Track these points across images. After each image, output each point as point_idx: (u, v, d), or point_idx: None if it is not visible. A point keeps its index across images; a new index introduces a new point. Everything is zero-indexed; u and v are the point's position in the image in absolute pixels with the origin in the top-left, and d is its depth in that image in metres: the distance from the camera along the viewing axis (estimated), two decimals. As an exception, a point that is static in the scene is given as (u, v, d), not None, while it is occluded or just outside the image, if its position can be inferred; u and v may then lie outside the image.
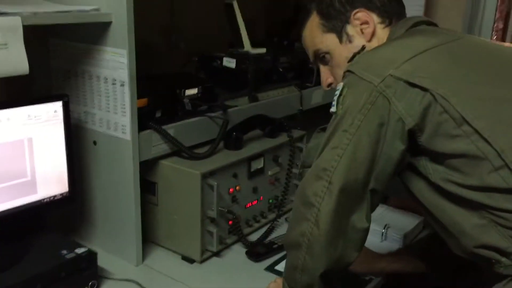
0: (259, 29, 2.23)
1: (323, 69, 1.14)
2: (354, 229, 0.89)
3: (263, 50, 1.75)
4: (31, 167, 1.17)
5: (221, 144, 1.45)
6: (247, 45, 1.72)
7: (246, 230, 1.47)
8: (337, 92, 0.91)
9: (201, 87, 1.50)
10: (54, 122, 1.20)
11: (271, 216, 1.57)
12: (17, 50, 1.01)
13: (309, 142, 1.09)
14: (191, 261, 1.35)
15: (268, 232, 1.48)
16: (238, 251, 1.41)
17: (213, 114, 1.46)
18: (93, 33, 1.22)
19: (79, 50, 1.26)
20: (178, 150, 1.37)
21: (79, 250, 1.19)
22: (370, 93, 0.85)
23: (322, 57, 1.12)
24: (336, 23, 1.08)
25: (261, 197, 1.53)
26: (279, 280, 1.15)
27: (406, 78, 0.84)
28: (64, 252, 1.18)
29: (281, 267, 1.33)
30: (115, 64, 1.20)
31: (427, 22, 1.04)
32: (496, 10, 2.26)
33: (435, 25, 1.05)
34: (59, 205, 1.26)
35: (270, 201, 1.57)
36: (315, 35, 1.12)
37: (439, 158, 0.86)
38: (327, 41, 1.10)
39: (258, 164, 1.48)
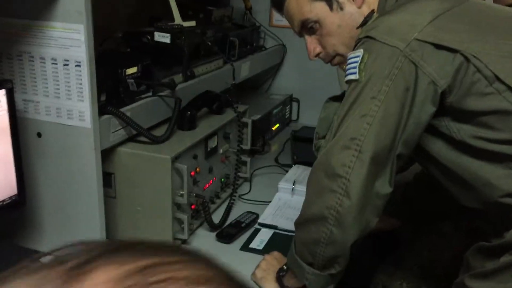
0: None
1: (310, 39, 1.12)
2: (378, 195, 0.90)
3: (193, 23, 1.66)
4: (-23, 170, 0.98)
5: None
6: (177, 18, 1.61)
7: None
8: (356, 59, 0.89)
9: (140, 65, 1.38)
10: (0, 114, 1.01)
11: (224, 195, 1.52)
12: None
13: (320, 113, 1.06)
14: (161, 252, 1.25)
15: (228, 212, 1.44)
16: (205, 236, 1.35)
17: (163, 94, 1.35)
18: (34, 6, 1.04)
19: (14, 27, 1.07)
20: (135, 135, 1.25)
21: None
22: (397, 58, 0.86)
23: (310, 27, 1.09)
24: None
25: (215, 177, 1.47)
26: (278, 255, 1.12)
27: (433, 41, 0.85)
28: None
29: (255, 244, 1.31)
30: (67, 42, 1.04)
31: None
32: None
33: None
34: (9, 210, 1.08)
35: (222, 180, 1.52)
36: (303, 4, 1.08)
37: (465, 116, 0.89)
38: (316, 10, 1.07)
39: (213, 143, 1.42)
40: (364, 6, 1.05)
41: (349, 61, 0.92)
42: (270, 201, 1.53)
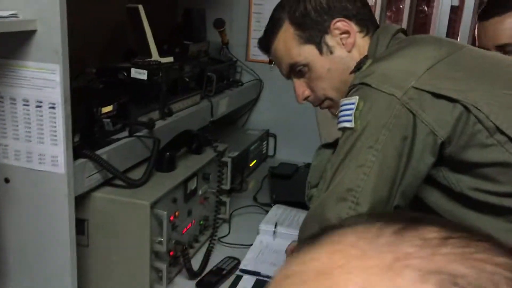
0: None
1: (298, 82, 1.08)
2: None
3: (170, 59, 1.61)
4: None
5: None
6: (155, 54, 1.56)
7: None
8: (350, 106, 0.86)
9: (117, 103, 1.31)
10: (-38, 160, 0.93)
11: (203, 238, 1.46)
12: None
13: (312, 160, 1.01)
14: (137, 305, 1.17)
15: (207, 258, 1.37)
16: (184, 285, 1.27)
17: (140, 133, 1.29)
18: (5, 44, 0.97)
19: (-18, 65, 1.00)
20: (111, 178, 1.17)
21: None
22: (394, 106, 0.82)
23: (299, 71, 1.06)
24: (313, 33, 1.02)
25: (194, 220, 1.40)
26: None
27: (431, 89, 0.83)
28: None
29: (237, 293, 1.24)
30: (41, 82, 0.98)
31: (402, 31, 1.05)
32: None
33: (406, 33, 1.06)
34: (-28, 265, 0.98)
35: (201, 222, 1.45)
36: (291, 46, 1.05)
37: (465, 167, 0.86)
38: (306, 53, 1.04)
39: (192, 185, 1.36)
40: (354, 50, 1.03)
41: (343, 107, 0.88)
42: (250, 244, 1.47)
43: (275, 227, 1.49)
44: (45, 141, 1.01)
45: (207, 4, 2.13)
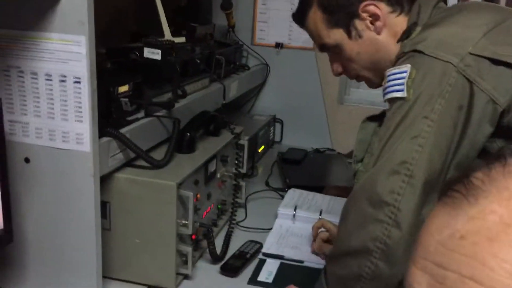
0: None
1: (332, 57, 1.05)
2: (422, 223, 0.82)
3: (183, 39, 1.56)
4: (-41, 203, 0.84)
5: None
6: (167, 34, 1.51)
7: (204, 243, 1.29)
8: (401, 75, 0.82)
9: (132, 83, 1.26)
10: (-16, 137, 0.87)
11: (221, 223, 1.42)
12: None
13: (357, 134, 0.98)
14: (161, 290, 1.13)
15: (227, 242, 1.33)
16: (208, 269, 1.23)
17: (159, 114, 1.24)
18: (27, 15, 0.92)
19: (3, 39, 0.94)
20: (131, 160, 1.13)
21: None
22: (450, 74, 0.79)
23: (330, 49, 1.03)
24: (341, 17, 1.00)
25: (212, 203, 1.36)
26: (293, 286, 1.03)
27: (490, 55, 0.80)
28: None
29: (264, 277, 1.21)
30: (65, 55, 0.92)
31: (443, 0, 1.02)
32: None
33: (446, 2, 1.03)
34: (-6, 248, 0.93)
35: (219, 206, 1.41)
36: (320, 29, 1.02)
37: None
38: (335, 36, 1.02)
39: (212, 167, 1.31)
40: (384, 32, 1.00)
41: (392, 77, 0.85)
42: (269, 228, 1.43)
43: (294, 210, 1.45)
44: (69, 118, 0.96)
45: (212, -15, 2.07)
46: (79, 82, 0.93)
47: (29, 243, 1.03)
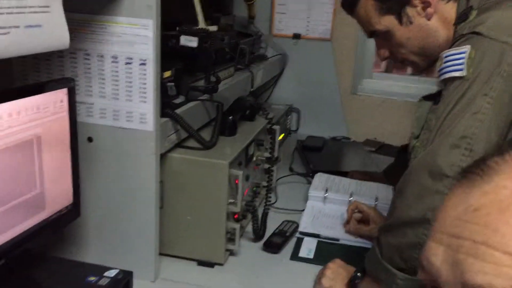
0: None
1: (380, 42, 1.11)
2: None
3: (215, 28, 1.61)
4: (40, 176, 0.88)
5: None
6: (201, 23, 1.56)
7: (244, 222, 1.35)
8: (461, 55, 0.89)
9: (174, 69, 1.31)
10: (60, 116, 0.92)
11: (256, 204, 1.47)
12: (59, 16, 0.75)
13: (415, 112, 1.04)
14: (210, 265, 1.18)
15: (265, 221, 1.38)
16: (251, 246, 1.29)
17: (204, 98, 1.29)
18: (95, 0, 0.96)
19: (70, 23, 0.98)
20: (180, 141, 1.18)
21: (110, 273, 0.95)
22: (508, 54, 0.86)
23: (379, 36, 1.09)
24: (393, 4, 1.06)
25: (249, 185, 1.41)
26: (342, 263, 1.09)
27: None
28: (93, 279, 0.93)
29: (305, 253, 1.27)
30: (132, 38, 0.97)
31: None
32: None
33: None
34: (65, 221, 0.98)
35: (254, 189, 1.47)
36: (371, 15, 1.08)
37: None
38: (386, 22, 1.07)
39: (250, 150, 1.37)
40: (434, 18, 1.07)
41: (451, 57, 0.91)
42: (301, 210, 1.49)
43: (325, 192, 1.51)
44: (133, 99, 1.01)
45: (231, -24, 2.13)
46: (144, 64, 0.98)
47: (92, 219, 1.08)
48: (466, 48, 0.90)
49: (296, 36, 2.21)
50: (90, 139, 1.05)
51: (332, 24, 2.17)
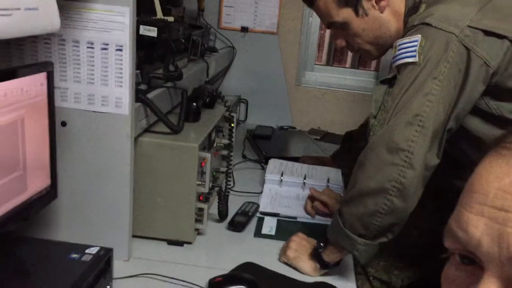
0: None
1: (337, 33, 1.22)
2: (427, 167, 1.01)
3: (171, 19, 1.65)
4: (23, 157, 0.91)
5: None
6: (159, 13, 1.60)
7: (202, 205, 1.41)
8: (413, 43, 1.00)
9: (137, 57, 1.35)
10: (40, 98, 0.94)
11: (216, 188, 1.54)
12: (51, 0, 0.78)
13: (373, 95, 1.13)
14: (180, 244, 1.24)
15: (227, 203, 1.45)
16: (215, 226, 1.35)
17: (169, 85, 1.34)
18: (72, -14, 0.99)
19: (45, 7, 1.00)
20: (150, 126, 1.23)
21: (91, 250, 0.99)
22: (453, 42, 0.98)
23: (337, 27, 1.19)
24: None
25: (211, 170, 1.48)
26: (304, 236, 1.19)
27: (483, 28, 0.99)
28: (76, 255, 0.96)
29: (267, 230, 1.36)
30: (109, 24, 1.01)
31: None
32: None
33: None
34: (44, 201, 1.00)
35: (214, 173, 1.53)
36: (330, 8, 1.18)
37: (506, 94, 1.04)
38: (343, 14, 1.19)
39: (213, 136, 1.43)
40: (386, 11, 1.20)
41: (404, 45, 1.02)
42: (258, 192, 1.58)
43: (281, 176, 1.61)
44: (109, 83, 1.04)
45: (181, -30, 2.16)
46: (121, 50, 1.02)
47: (66, 201, 1.10)
48: (417, 37, 1.02)
49: (244, 29, 2.28)
50: (63, 123, 1.07)
51: (278, 18, 2.27)
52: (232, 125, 1.57)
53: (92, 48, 1.03)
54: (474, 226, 0.39)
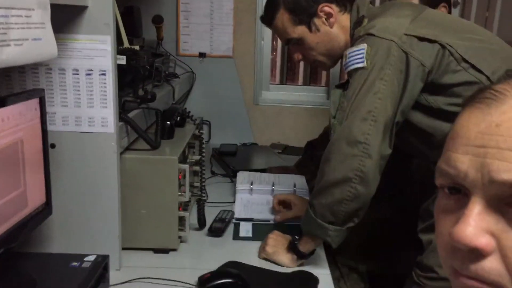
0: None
1: (294, 48, 1.38)
2: (382, 156, 1.16)
3: (137, 47, 1.77)
4: (23, 175, 0.99)
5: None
6: (126, 42, 1.71)
7: (183, 214, 1.51)
8: (361, 51, 1.16)
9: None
10: (35, 122, 1.03)
11: (192, 200, 1.64)
12: (50, 31, 0.89)
13: (330, 98, 1.28)
14: (166, 251, 1.33)
15: (203, 213, 1.56)
16: (196, 234, 1.46)
17: (144, 106, 1.45)
18: (57, 20, 1.09)
19: (32, 40, 1.10)
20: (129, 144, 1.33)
21: (89, 258, 1.07)
22: (393, 48, 1.15)
23: (294, 43, 1.36)
24: (304, 17, 1.34)
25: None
26: (279, 233, 1.31)
27: (417, 35, 1.17)
28: (76, 263, 1.05)
29: (244, 233, 1.47)
30: (92, 52, 1.12)
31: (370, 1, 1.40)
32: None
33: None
34: (40, 218, 1.08)
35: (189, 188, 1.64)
36: (287, 26, 1.36)
37: (440, 89, 1.20)
38: (299, 31, 1.37)
39: (186, 152, 1.54)
40: (335, 26, 1.38)
41: (352, 54, 1.19)
42: (231, 202, 1.69)
43: (251, 185, 1.73)
44: (94, 105, 1.14)
45: (137, 1, 2.29)
46: (104, 74, 1.13)
47: (58, 217, 1.18)
48: (364, 46, 1.19)
49: (202, 55, 2.42)
50: (52, 146, 1.16)
51: (233, 43, 2.42)
52: (203, 141, 1.69)
53: (77, 74, 1.13)
54: (461, 162, 0.47)
